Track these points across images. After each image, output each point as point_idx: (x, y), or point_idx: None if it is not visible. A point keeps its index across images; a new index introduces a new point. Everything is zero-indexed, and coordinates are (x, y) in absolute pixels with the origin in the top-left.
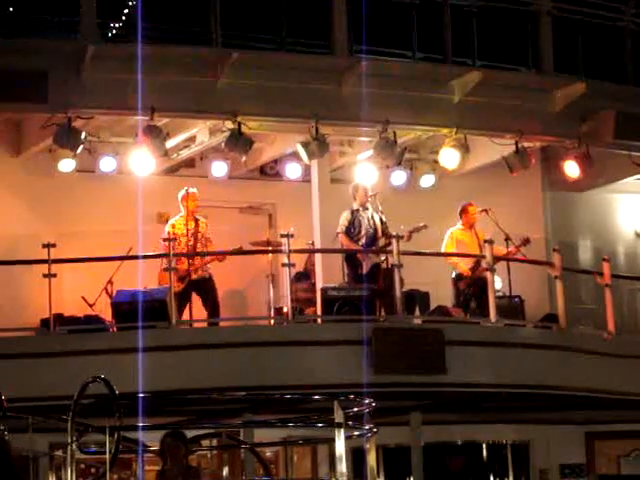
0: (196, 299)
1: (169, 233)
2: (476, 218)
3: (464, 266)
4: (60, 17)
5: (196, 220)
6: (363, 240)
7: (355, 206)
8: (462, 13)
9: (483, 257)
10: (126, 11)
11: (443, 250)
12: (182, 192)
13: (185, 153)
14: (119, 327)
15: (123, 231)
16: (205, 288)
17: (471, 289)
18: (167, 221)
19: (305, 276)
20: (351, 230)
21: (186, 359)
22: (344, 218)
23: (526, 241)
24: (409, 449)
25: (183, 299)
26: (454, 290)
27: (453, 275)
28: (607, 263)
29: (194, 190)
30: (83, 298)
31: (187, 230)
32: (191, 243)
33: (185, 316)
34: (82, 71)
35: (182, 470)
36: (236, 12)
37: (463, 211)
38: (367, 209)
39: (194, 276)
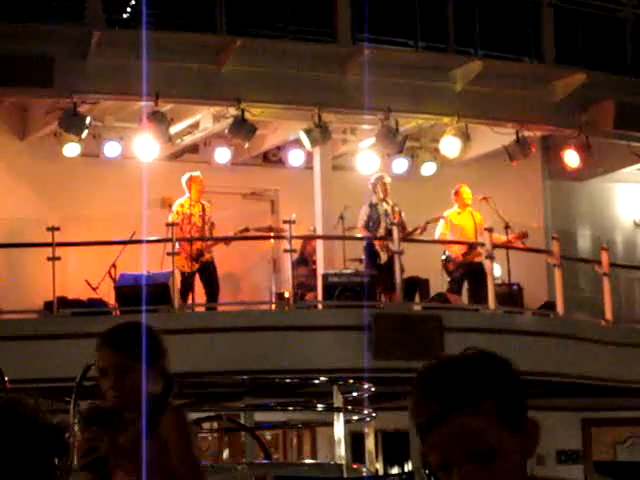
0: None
1: (178, 212)
2: (469, 198)
3: (456, 249)
4: (66, 2)
5: (202, 204)
6: (382, 233)
7: (374, 200)
8: (465, 2)
9: (482, 245)
10: None
11: (438, 233)
12: (187, 175)
13: (189, 139)
14: (122, 310)
15: (127, 215)
16: (209, 271)
17: (459, 271)
18: (170, 206)
19: (304, 262)
20: (370, 224)
21: (188, 343)
22: (363, 212)
23: (523, 235)
24: (408, 434)
25: (191, 281)
26: (443, 272)
27: (443, 257)
28: (605, 252)
29: (198, 174)
30: (87, 281)
31: (200, 213)
32: (200, 225)
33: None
34: (87, 56)
35: None
36: None
37: (456, 193)
38: (387, 202)
39: (205, 258)
